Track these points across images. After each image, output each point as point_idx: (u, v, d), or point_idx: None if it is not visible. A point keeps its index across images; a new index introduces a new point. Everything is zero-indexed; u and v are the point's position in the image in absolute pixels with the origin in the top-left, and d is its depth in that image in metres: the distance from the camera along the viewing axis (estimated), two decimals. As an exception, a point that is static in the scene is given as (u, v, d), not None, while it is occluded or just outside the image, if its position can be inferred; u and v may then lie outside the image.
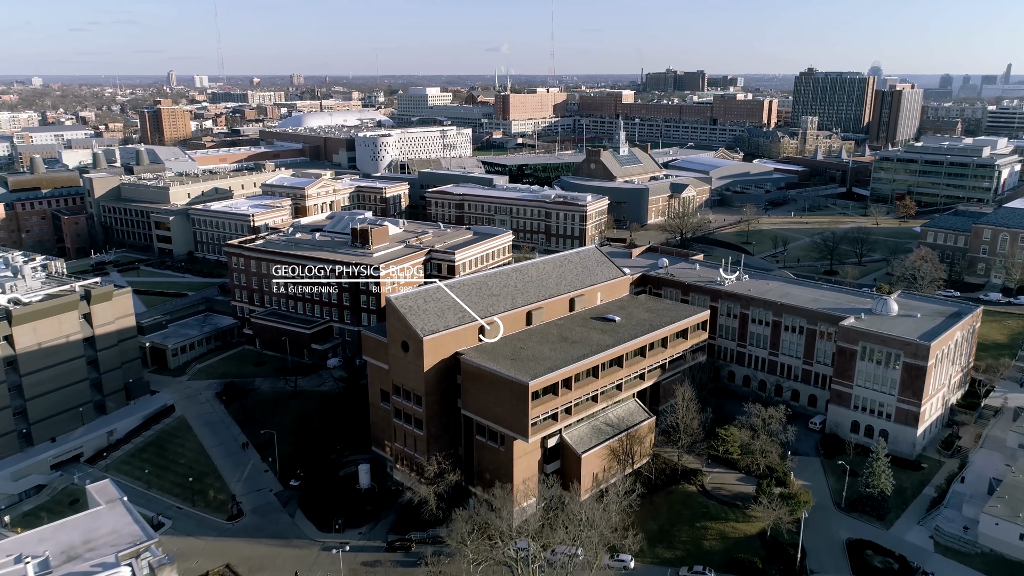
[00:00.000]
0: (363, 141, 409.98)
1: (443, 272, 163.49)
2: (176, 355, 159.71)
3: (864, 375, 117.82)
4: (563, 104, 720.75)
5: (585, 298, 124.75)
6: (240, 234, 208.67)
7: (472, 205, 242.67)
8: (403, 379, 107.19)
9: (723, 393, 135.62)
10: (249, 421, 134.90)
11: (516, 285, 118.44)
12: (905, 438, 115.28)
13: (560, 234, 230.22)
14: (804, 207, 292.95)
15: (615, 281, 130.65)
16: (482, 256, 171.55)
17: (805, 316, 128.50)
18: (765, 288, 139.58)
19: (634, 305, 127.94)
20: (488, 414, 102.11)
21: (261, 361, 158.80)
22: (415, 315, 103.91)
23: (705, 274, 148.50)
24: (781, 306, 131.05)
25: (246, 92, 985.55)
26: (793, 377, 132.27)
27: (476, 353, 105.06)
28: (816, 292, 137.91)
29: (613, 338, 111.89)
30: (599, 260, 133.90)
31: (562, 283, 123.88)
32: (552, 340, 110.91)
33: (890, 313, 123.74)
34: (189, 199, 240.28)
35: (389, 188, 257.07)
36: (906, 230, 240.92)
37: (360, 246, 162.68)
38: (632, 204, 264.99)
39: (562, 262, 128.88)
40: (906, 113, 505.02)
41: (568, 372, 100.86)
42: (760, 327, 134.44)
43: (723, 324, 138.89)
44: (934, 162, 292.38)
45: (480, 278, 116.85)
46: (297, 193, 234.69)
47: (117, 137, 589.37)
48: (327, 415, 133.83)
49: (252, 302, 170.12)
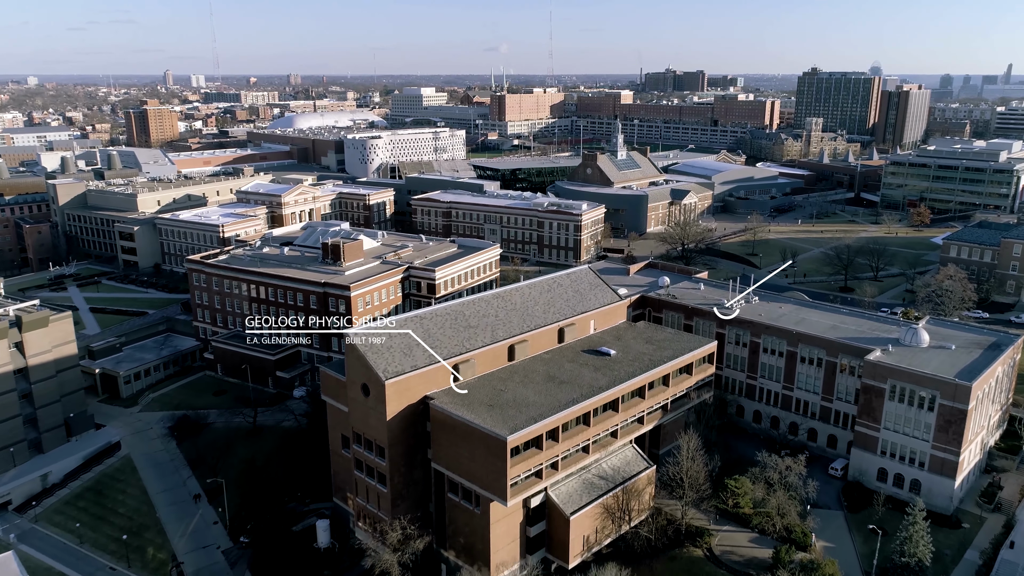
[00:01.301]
0: (352, 143, 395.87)
1: (422, 291, 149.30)
2: (129, 383, 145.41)
3: (893, 417, 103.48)
4: (560, 105, 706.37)
5: (576, 327, 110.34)
6: (209, 246, 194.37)
7: (460, 213, 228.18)
8: (364, 427, 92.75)
9: (731, 430, 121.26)
10: (201, 462, 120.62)
11: (497, 314, 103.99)
12: (941, 490, 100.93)
13: (553, 245, 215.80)
14: (811, 214, 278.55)
15: (610, 307, 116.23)
16: (466, 273, 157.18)
17: (824, 347, 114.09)
18: (778, 313, 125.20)
19: (632, 335, 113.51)
20: (461, 470, 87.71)
21: (221, 390, 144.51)
22: (377, 354, 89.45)
23: (711, 295, 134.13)
24: (797, 335, 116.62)
25: (239, 92, 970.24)
26: (810, 415, 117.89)
27: (448, 397, 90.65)
28: (835, 317, 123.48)
29: (607, 377, 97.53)
30: (592, 282, 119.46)
31: (550, 310, 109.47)
32: (537, 380, 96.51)
33: (921, 344, 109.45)
34: (159, 207, 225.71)
35: (373, 194, 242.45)
36: (923, 240, 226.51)
37: (331, 263, 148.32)
38: (630, 211, 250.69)
39: (550, 286, 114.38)
40: (913, 114, 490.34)
41: (554, 422, 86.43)
42: (773, 358, 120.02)
43: (731, 353, 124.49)
44: (948, 167, 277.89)
45: (456, 307, 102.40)
46: (273, 201, 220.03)
47: (103, 138, 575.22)
48: (287, 456, 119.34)
49: (215, 323, 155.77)
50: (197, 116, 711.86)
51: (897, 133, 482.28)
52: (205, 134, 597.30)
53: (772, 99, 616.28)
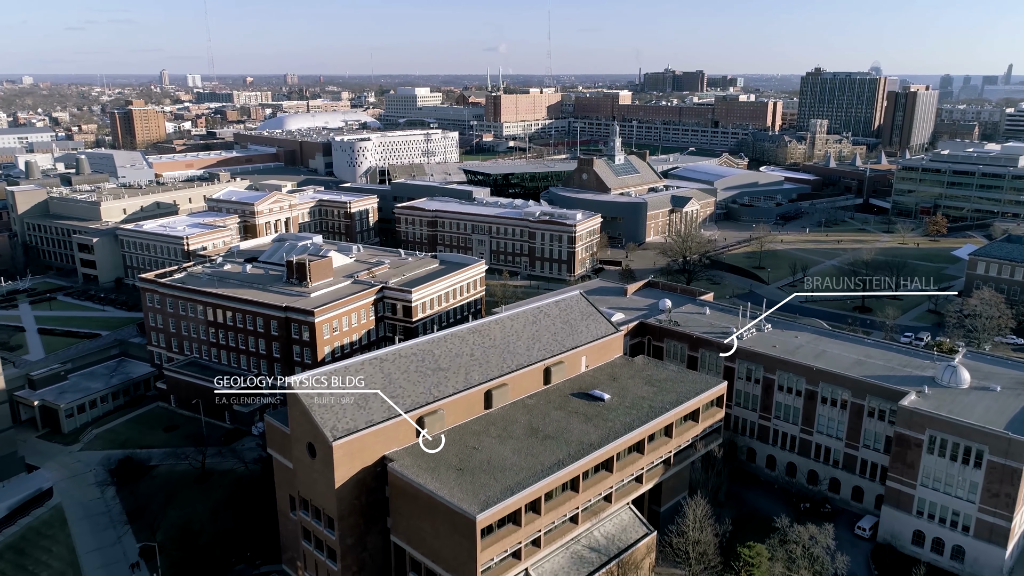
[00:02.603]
0: (339, 146, 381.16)
1: (397, 313, 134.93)
2: (71, 416, 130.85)
3: (932, 473, 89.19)
4: (557, 105, 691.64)
5: (565, 365, 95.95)
6: (173, 259, 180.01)
7: (446, 223, 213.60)
8: (310, 492, 78.35)
9: (741, 477, 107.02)
10: (141, 513, 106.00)
11: (473, 353, 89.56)
12: (989, 560, 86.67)
13: (546, 257, 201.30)
14: (819, 222, 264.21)
15: (604, 340, 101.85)
16: (447, 293, 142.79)
17: (849, 387, 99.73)
18: (794, 344, 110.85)
19: (629, 373, 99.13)
20: (424, 548, 73.39)
21: (173, 424, 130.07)
22: (325, 407, 75.04)
23: (718, 321, 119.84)
24: (817, 372, 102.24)
25: (231, 92, 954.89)
26: (832, 463, 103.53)
27: (411, 459, 76.28)
28: (859, 350, 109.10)
29: (600, 429, 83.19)
30: (584, 311, 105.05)
31: (535, 346, 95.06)
32: (518, 434, 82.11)
33: (961, 385, 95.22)
34: (125, 216, 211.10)
35: (355, 202, 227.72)
36: (942, 252, 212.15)
37: (296, 282, 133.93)
38: (628, 220, 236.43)
39: (536, 317, 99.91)
40: (921, 116, 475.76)
41: (536, 492, 72.10)
42: (789, 397, 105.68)
43: (742, 390, 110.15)
44: (963, 172, 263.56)
45: (424, 345, 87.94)
46: (246, 209, 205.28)
47: (89, 139, 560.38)
48: (238, 507, 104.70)
49: (170, 348, 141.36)
50: (187, 117, 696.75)
51: (904, 135, 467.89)
52: (194, 135, 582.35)
53: (774, 100, 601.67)
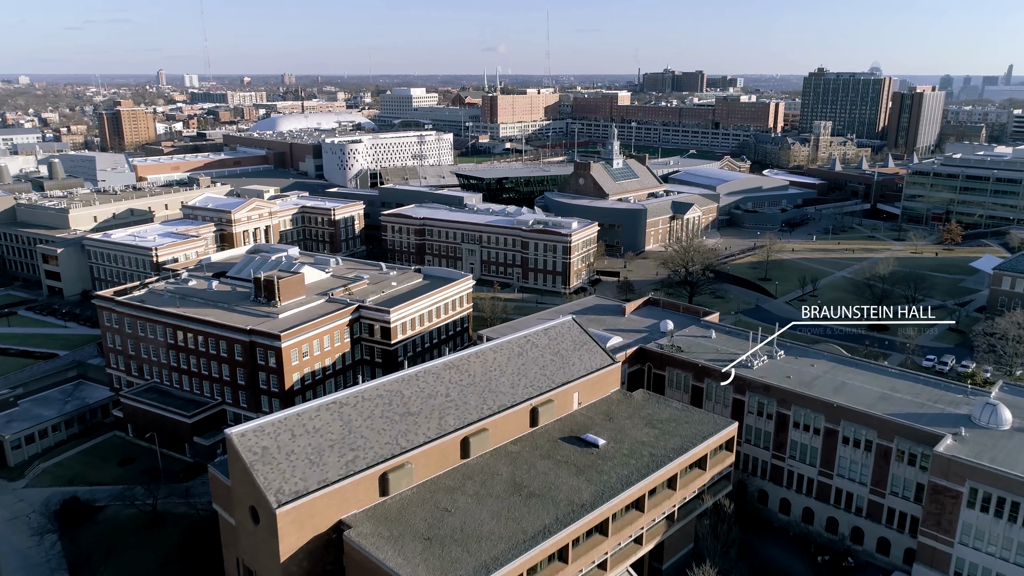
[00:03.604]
0: (330, 148, 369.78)
1: (375, 335, 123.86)
2: (19, 447, 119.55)
3: (973, 530, 78.15)
4: (555, 106, 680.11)
5: (555, 404, 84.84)
6: (141, 271, 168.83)
7: (435, 231, 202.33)
8: (254, 562, 67.24)
9: (752, 522, 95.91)
10: (83, 565, 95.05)
11: (448, 393, 78.42)
12: (1039, 632, 75.65)
13: (539, 268, 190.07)
14: (826, 228, 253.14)
15: (600, 374, 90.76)
16: (430, 312, 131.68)
17: (875, 427, 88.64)
18: (810, 374, 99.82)
19: (627, 411, 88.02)
20: (385, 633, 62.25)
21: (129, 457, 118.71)
22: (271, 467, 63.94)
23: (725, 346, 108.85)
24: (838, 409, 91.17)
25: (225, 92, 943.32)
26: (855, 510, 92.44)
27: (371, 525, 65.19)
28: (883, 381, 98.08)
29: (594, 484, 72.14)
30: (577, 340, 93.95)
31: (520, 383, 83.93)
32: (498, 492, 70.98)
33: (1002, 426, 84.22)
34: (95, 224, 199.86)
35: (340, 209, 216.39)
36: (958, 263, 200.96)
37: (264, 301, 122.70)
38: (627, 227, 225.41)
39: (522, 348, 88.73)
40: (927, 118, 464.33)
41: (516, 569, 61.04)
42: (806, 435, 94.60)
43: (753, 426, 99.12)
44: (977, 177, 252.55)
45: (392, 385, 76.77)
46: (222, 217, 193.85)
47: (78, 141, 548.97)
48: (189, 559, 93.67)
49: (130, 371, 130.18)
50: (179, 117, 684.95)
51: (910, 137, 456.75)
52: (184, 136, 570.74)
53: (776, 101, 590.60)
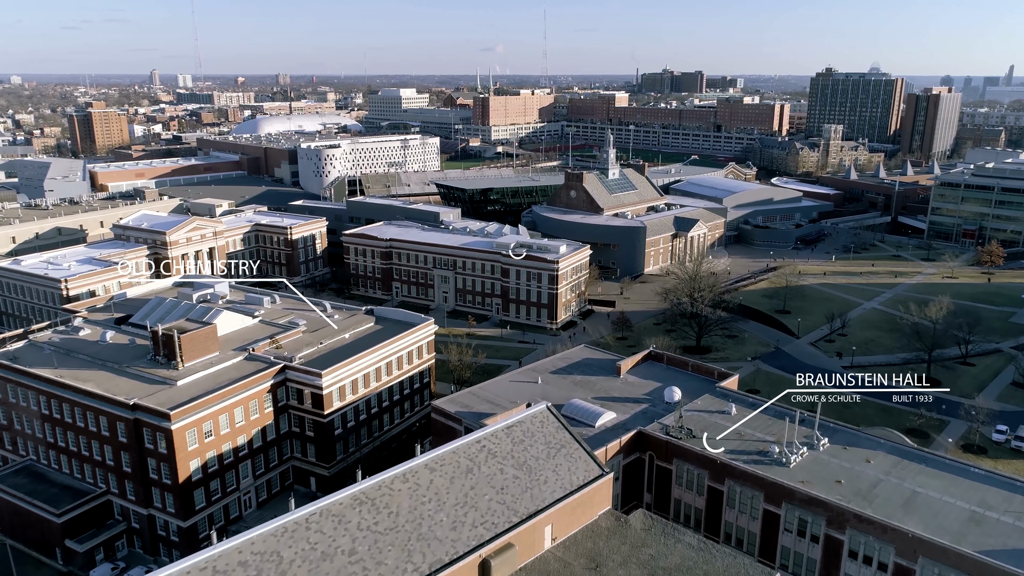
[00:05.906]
0: (306, 153, 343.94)
1: (305, 403, 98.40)
2: None
3: None
4: (550, 108, 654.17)
5: (516, 551, 59.00)
6: (50, 305, 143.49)
7: (403, 255, 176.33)
8: None
9: None
10: None
11: (354, 548, 52.50)
12: None
13: (522, 300, 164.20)
14: (846, 246, 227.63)
15: (583, 493, 64.88)
16: (378, 369, 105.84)
17: (968, 571, 62.99)
18: (867, 477, 74.28)
19: (620, 553, 62.16)
20: None
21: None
22: None
23: (750, 427, 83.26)
24: (914, 540, 65.57)
25: (212, 93, 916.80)
26: None
27: None
28: (967, 489, 72.56)
29: None
30: (552, 441, 68.10)
31: (466, 519, 58.08)
32: None
33: None
34: (13, 245, 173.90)
35: (298, 227, 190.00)
36: (1004, 291, 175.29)
37: (164, 361, 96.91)
38: (624, 247, 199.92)
39: (472, 461, 62.73)
40: (943, 121, 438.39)
41: None
42: (868, 570, 68.95)
43: (791, 548, 73.56)
44: (1013, 189, 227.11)
45: (265, 544, 50.89)
46: (156, 239, 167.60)
47: (50, 144, 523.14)
48: None
49: (3, 445, 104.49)
50: (159, 119, 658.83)
51: (926, 142, 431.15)
52: (161, 140, 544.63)
53: (781, 102, 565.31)
